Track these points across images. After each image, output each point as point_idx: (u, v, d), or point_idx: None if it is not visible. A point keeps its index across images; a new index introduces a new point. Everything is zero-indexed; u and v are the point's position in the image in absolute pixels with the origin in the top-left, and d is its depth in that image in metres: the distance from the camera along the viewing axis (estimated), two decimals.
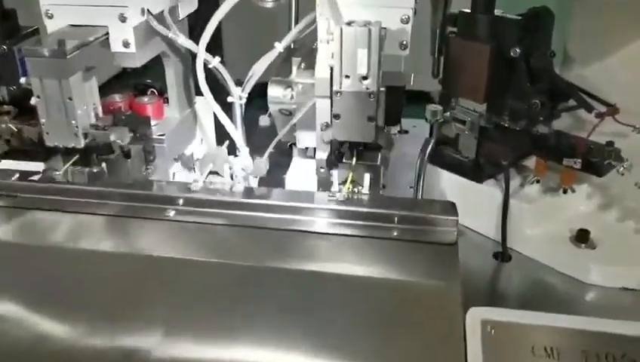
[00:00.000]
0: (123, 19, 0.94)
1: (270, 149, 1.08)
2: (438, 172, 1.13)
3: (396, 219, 0.84)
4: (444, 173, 1.12)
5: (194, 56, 1.04)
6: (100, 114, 1.00)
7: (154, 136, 1.09)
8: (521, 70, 1.00)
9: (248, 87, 1.07)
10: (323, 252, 0.83)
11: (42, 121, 0.92)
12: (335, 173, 0.94)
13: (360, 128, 0.89)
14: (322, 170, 1.02)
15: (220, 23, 1.02)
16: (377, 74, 0.86)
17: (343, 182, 0.93)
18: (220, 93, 1.08)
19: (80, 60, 0.91)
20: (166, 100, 1.16)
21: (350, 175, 0.92)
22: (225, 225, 0.87)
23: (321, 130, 0.93)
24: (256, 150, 1.10)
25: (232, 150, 1.10)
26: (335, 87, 0.87)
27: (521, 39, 0.99)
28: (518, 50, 0.98)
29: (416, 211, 0.85)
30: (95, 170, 0.96)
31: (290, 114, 1.07)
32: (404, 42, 0.92)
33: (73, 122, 0.91)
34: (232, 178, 1.01)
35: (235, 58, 1.45)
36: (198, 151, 1.21)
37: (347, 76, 0.86)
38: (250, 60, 1.05)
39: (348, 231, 0.84)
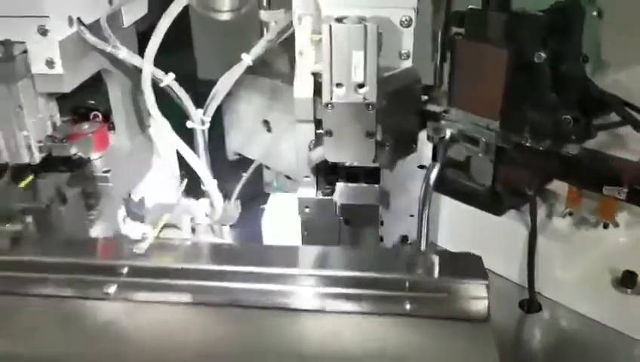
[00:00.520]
0: (44, 32, 0.74)
1: (240, 185, 0.89)
2: (445, 202, 0.94)
3: (407, 284, 0.65)
4: (454, 204, 0.93)
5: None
6: (58, 123, 0.86)
7: (97, 174, 0.88)
8: (546, 78, 0.81)
9: (211, 109, 0.88)
10: (315, 339, 0.63)
11: None
12: None
13: (357, 147, 0.70)
14: (307, 210, 0.83)
15: (189, 17, 0.83)
16: (375, 80, 0.68)
17: None
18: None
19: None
20: (112, 126, 0.95)
21: None
22: (184, 304, 0.66)
23: (309, 148, 0.74)
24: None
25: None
26: (325, 98, 0.70)
27: (545, 41, 0.80)
28: (542, 55, 0.79)
29: (433, 272, 0.66)
30: (18, 227, 0.75)
31: None
32: (406, 51, 0.73)
33: (25, 133, 0.77)
34: (193, 231, 0.81)
35: (209, 56, 1.26)
36: (155, 187, 1.00)
37: (339, 84, 0.67)
38: (227, 60, 0.87)
39: (347, 307, 0.64)
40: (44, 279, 0.68)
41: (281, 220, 0.87)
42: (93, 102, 0.98)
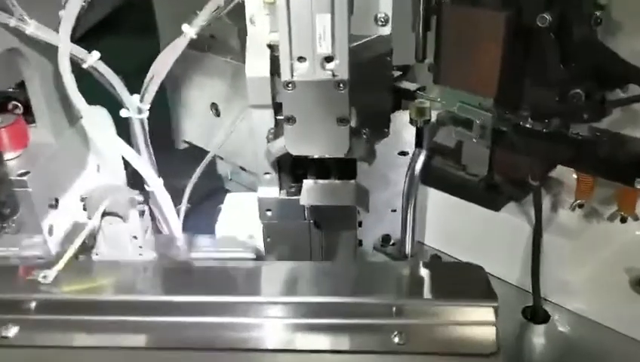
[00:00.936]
0: None
1: (189, 189, 0.74)
2: (433, 193, 0.81)
3: (395, 310, 0.51)
4: (443, 196, 0.80)
5: None
6: None
7: (12, 177, 0.72)
8: (552, 46, 0.69)
9: (149, 94, 0.72)
10: None
11: None
12: None
13: (327, 136, 0.55)
14: (269, 213, 0.69)
15: None
16: (347, 51, 0.52)
17: None
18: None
19: None
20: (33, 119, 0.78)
21: None
22: (111, 349, 0.51)
23: (267, 140, 0.59)
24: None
25: None
26: (284, 76, 0.54)
27: (549, 1, 0.66)
28: (547, 18, 0.66)
29: (424, 293, 0.53)
30: None
31: None
32: (383, 15, 0.59)
33: None
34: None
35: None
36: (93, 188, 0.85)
37: (301, 58, 0.52)
38: None
39: (320, 343, 0.50)
40: None
41: (239, 225, 0.73)
42: (12, 88, 0.82)
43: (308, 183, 0.65)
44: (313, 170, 0.65)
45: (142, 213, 0.67)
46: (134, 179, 0.83)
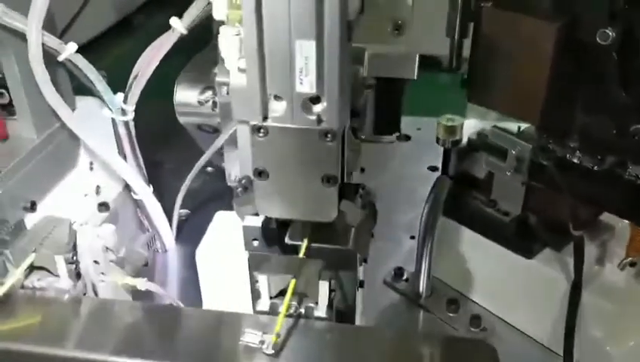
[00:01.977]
0: None
1: (181, 196, 0.66)
2: (458, 228, 0.70)
3: None
4: (469, 233, 0.68)
5: None
6: None
7: None
8: (613, 68, 0.56)
9: (133, 95, 0.64)
10: None
11: None
12: (261, 277, 0.49)
13: (309, 198, 0.44)
14: (256, 244, 0.59)
15: None
16: (339, 91, 0.40)
17: (280, 294, 0.49)
18: None
19: None
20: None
21: (292, 283, 0.47)
22: None
23: (235, 194, 0.49)
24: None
25: None
26: (253, 119, 0.42)
27: (614, 13, 0.54)
28: (609, 34, 0.53)
29: None
30: None
31: (214, 131, 0.64)
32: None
33: None
34: (77, 276, 0.56)
35: None
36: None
37: (278, 97, 0.41)
38: None
39: None
40: None
41: (225, 250, 0.63)
42: None
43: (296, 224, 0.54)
44: None
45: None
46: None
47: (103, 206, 0.83)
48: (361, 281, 0.67)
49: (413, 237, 0.80)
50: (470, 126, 0.69)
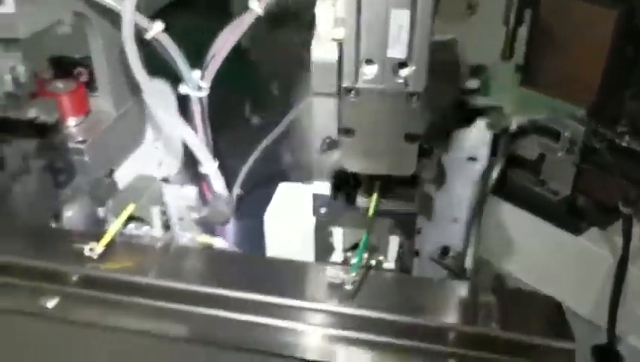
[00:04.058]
0: None
1: (243, 175, 0.70)
2: (505, 208, 0.73)
3: (451, 336, 0.45)
4: (518, 212, 0.72)
5: None
6: (23, 79, 0.68)
7: (71, 145, 0.71)
8: None
9: (210, 72, 0.69)
10: None
11: None
12: (336, 230, 0.54)
13: (392, 154, 0.49)
14: (323, 211, 0.64)
15: None
16: (427, 57, 0.45)
17: (352, 248, 0.54)
18: None
19: None
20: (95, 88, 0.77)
21: (364, 237, 0.52)
22: (144, 334, 0.49)
23: (321, 150, 0.54)
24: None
25: None
26: (346, 82, 0.47)
27: None
28: None
29: (489, 321, 0.46)
30: None
31: None
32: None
33: None
34: (166, 228, 0.62)
35: None
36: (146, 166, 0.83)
37: (369, 61, 0.46)
38: None
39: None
40: None
41: (291, 217, 0.68)
42: (78, 55, 0.81)
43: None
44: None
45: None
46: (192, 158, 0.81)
47: (165, 181, 0.89)
48: (417, 250, 0.72)
49: (455, 220, 0.84)
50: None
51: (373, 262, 0.53)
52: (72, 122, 0.75)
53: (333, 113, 0.57)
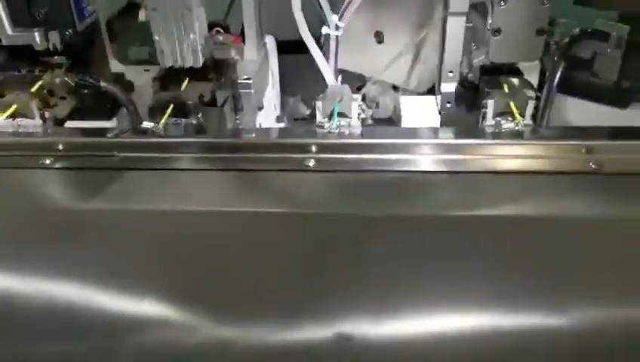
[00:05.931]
0: None
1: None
2: (565, 102, 0.97)
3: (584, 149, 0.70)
4: (575, 102, 0.96)
5: None
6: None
7: (240, 81, 0.91)
8: None
9: (348, 13, 0.89)
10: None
11: (156, 38, 0.80)
12: (490, 102, 0.77)
13: (526, 45, 0.73)
14: (449, 105, 0.87)
15: None
16: None
17: (500, 114, 0.78)
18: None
19: None
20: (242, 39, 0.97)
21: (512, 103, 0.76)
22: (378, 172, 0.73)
23: (472, 50, 0.77)
24: None
25: None
26: None
27: None
28: None
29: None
30: (194, 122, 0.79)
31: None
32: None
33: (192, 36, 0.79)
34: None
35: None
36: (272, 98, 1.04)
37: None
38: None
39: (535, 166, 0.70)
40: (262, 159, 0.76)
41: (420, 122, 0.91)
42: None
43: None
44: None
45: None
46: None
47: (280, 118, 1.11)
48: None
49: None
50: None
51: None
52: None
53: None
